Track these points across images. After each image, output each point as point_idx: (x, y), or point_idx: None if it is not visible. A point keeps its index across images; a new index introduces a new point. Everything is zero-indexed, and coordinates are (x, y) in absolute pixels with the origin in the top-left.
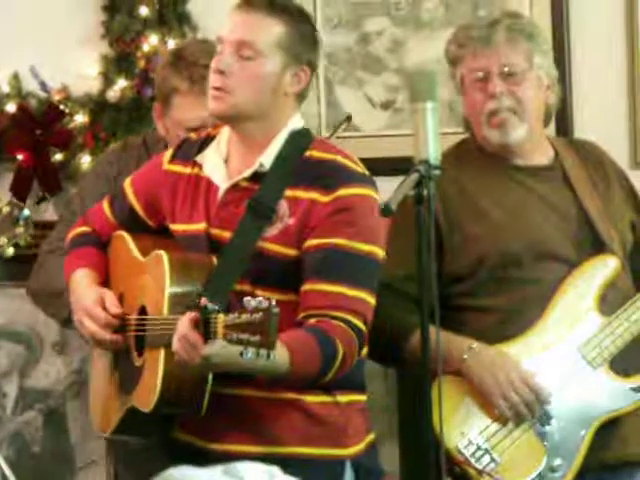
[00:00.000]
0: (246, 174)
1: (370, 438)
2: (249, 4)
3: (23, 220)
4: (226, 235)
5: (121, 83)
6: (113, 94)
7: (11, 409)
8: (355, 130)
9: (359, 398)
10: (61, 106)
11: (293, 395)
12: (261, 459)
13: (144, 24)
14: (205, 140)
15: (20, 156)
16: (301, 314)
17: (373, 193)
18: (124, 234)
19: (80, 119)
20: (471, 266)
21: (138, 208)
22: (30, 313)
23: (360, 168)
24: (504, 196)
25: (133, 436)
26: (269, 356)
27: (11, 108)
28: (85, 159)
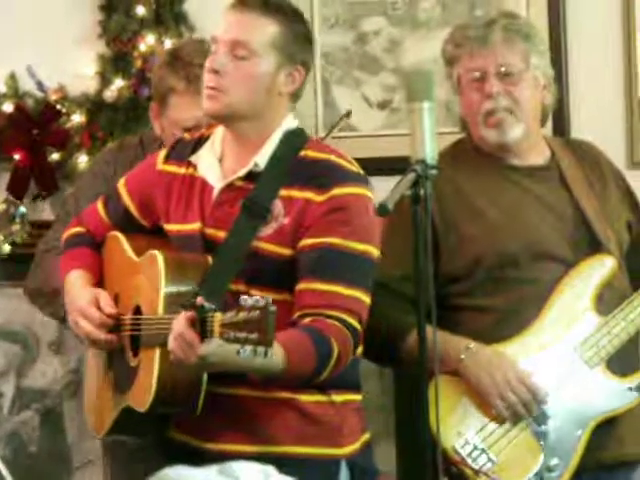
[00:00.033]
0: (241, 174)
1: (365, 438)
2: (243, 4)
3: (19, 217)
4: (221, 235)
5: (118, 83)
6: (110, 94)
7: (8, 409)
8: (352, 130)
9: (354, 397)
10: (58, 106)
11: (288, 394)
12: (256, 458)
13: (141, 24)
14: (199, 140)
15: (17, 156)
16: (296, 313)
17: (367, 192)
18: (118, 234)
19: (77, 119)
20: (468, 266)
21: (132, 208)
22: (27, 313)
23: (354, 167)
24: (500, 196)
25: (128, 436)
26: (266, 354)
27: (8, 108)
28: (82, 159)
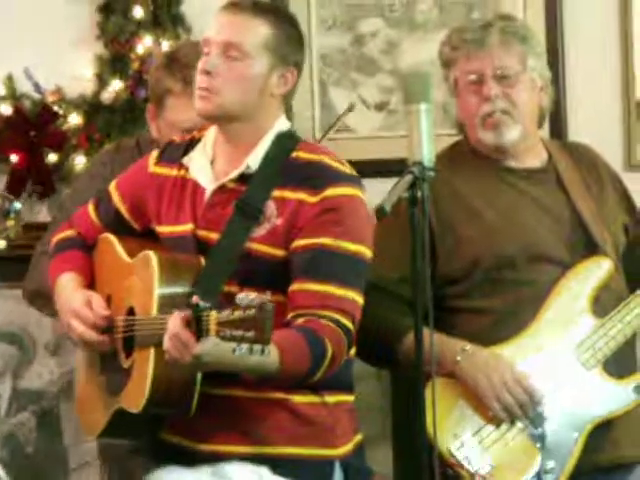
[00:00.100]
0: (233, 175)
1: (358, 438)
2: (235, 6)
3: (14, 213)
4: (213, 236)
5: (115, 84)
6: (107, 95)
7: (4, 410)
8: (349, 131)
9: (347, 398)
10: (55, 107)
11: (281, 395)
12: (249, 459)
13: (138, 25)
14: (190, 143)
15: (14, 157)
16: (290, 314)
17: (360, 193)
18: (110, 236)
19: (74, 120)
20: (465, 268)
21: (123, 211)
22: (23, 314)
23: (347, 168)
24: (497, 198)
25: (122, 438)
26: (263, 351)
27: (5, 109)
28: (79, 160)
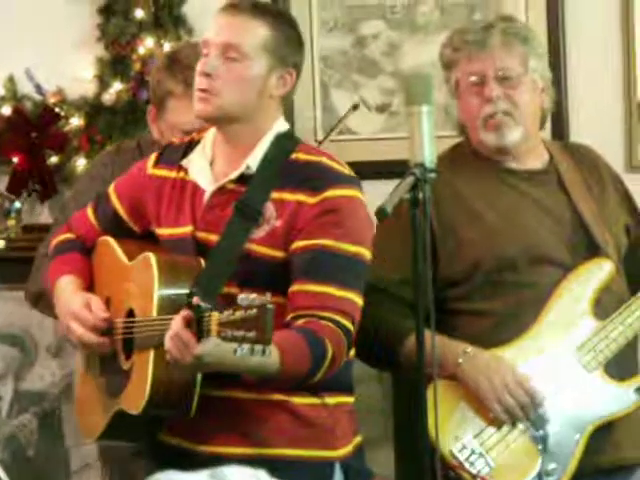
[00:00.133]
0: (232, 176)
1: (358, 440)
2: (234, 7)
3: (14, 212)
4: (212, 238)
5: (116, 86)
6: (108, 97)
7: (6, 412)
8: (351, 133)
9: (347, 400)
10: (56, 109)
11: (281, 397)
12: (249, 461)
13: (140, 27)
14: (189, 144)
15: (15, 159)
16: (289, 315)
17: (359, 194)
18: (109, 239)
19: (75, 122)
20: (466, 270)
21: (122, 213)
22: (25, 316)
23: (346, 170)
24: (498, 200)
25: (121, 440)
26: (264, 352)
27: (6, 111)
28: (80, 162)
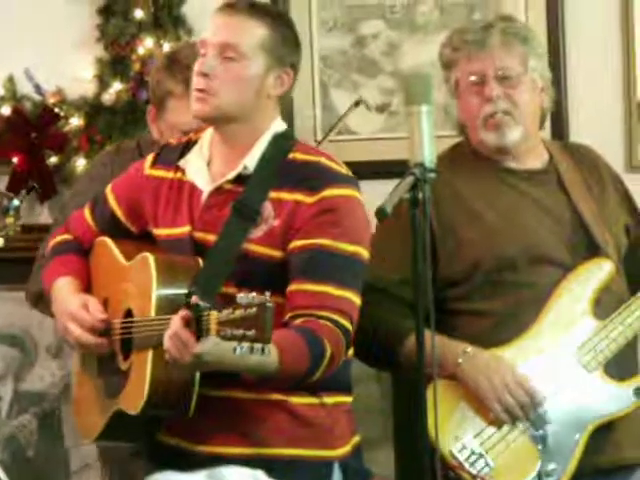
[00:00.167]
0: (230, 176)
1: (356, 440)
2: (232, 7)
3: (13, 210)
4: (210, 238)
5: (116, 86)
6: (108, 97)
7: (6, 412)
8: (350, 133)
9: (345, 399)
10: (56, 109)
11: (279, 396)
12: (247, 461)
13: (139, 27)
14: (187, 145)
15: (15, 159)
16: (288, 314)
17: (357, 194)
18: (107, 240)
19: (75, 122)
20: (466, 270)
21: (120, 214)
22: (25, 316)
23: (343, 169)
24: (498, 199)
25: (120, 440)
26: (263, 350)
27: (6, 111)
28: (80, 162)
